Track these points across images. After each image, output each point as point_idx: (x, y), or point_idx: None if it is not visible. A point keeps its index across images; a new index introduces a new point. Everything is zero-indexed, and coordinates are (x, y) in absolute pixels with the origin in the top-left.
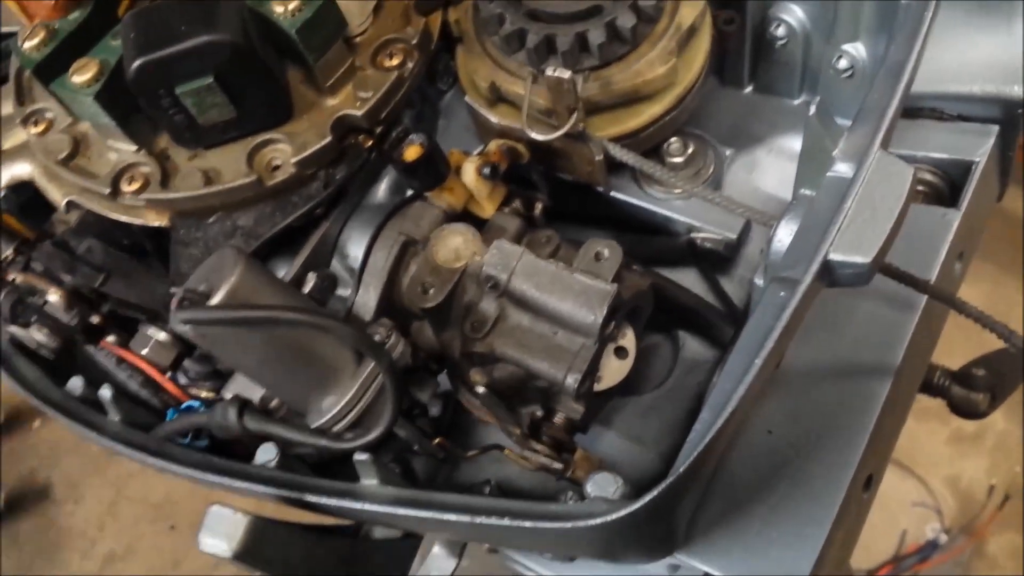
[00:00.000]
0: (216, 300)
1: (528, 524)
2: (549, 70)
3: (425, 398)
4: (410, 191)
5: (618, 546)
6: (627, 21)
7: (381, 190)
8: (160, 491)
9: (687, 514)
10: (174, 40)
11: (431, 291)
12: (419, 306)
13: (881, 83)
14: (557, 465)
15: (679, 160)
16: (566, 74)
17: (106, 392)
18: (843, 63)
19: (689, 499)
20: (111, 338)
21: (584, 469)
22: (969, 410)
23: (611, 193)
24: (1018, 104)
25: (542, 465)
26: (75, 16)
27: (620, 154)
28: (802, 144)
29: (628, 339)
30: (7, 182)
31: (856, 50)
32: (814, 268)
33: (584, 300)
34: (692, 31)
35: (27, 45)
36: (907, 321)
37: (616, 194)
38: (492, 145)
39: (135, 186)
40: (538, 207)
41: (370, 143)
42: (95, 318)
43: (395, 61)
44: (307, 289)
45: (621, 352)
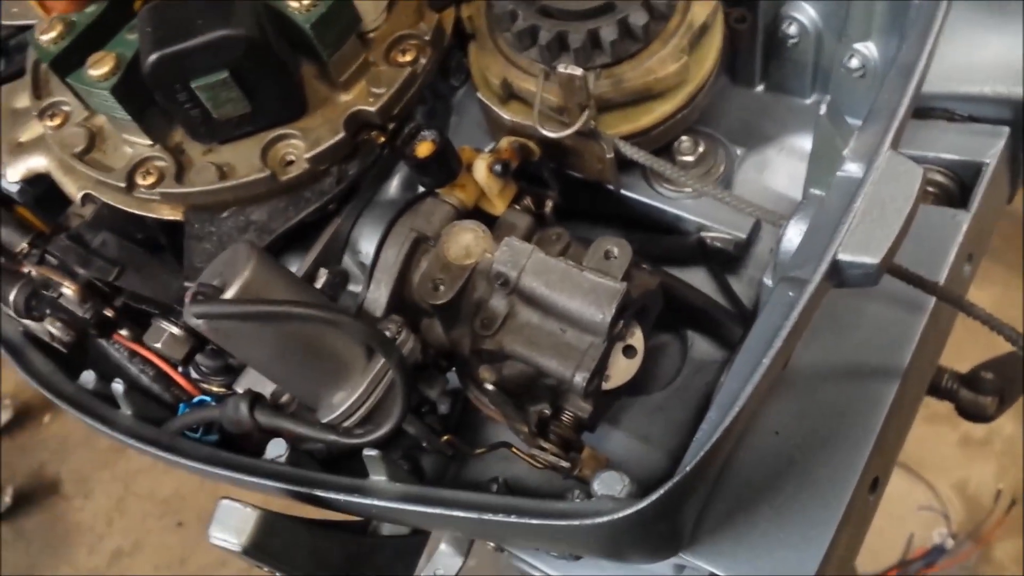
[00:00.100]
0: (229, 294)
1: (535, 521)
2: (561, 67)
3: (434, 395)
4: (421, 188)
5: (624, 545)
6: (639, 19)
7: (393, 186)
8: (168, 487)
9: (693, 514)
10: (190, 34)
11: (441, 288)
12: (429, 303)
13: (892, 83)
14: (564, 463)
15: (690, 159)
16: (578, 71)
17: (118, 386)
18: (855, 62)
19: (695, 499)
20: (124, 332)
21: (591, 468)
22: (977, 413)
23: (621, 191)
24: None
25: (549, 463)
26: (92, 10)
27: (631, 152)
28: (812, 144)
29: (637, 338)
30: (23, 175)
31: (868, 49)
32: (823, 268)
33: (593, 298)
34: (704, 29)
35: (44, 38)
36: (915, 323)
37: (626, 192)
38: (504, 142)
39: (150, 180)
40: (549, 205)
41: (383, 139)
42: (108, 311)
43: (408, 57)
44: (319, 285)
45: (630, 351)
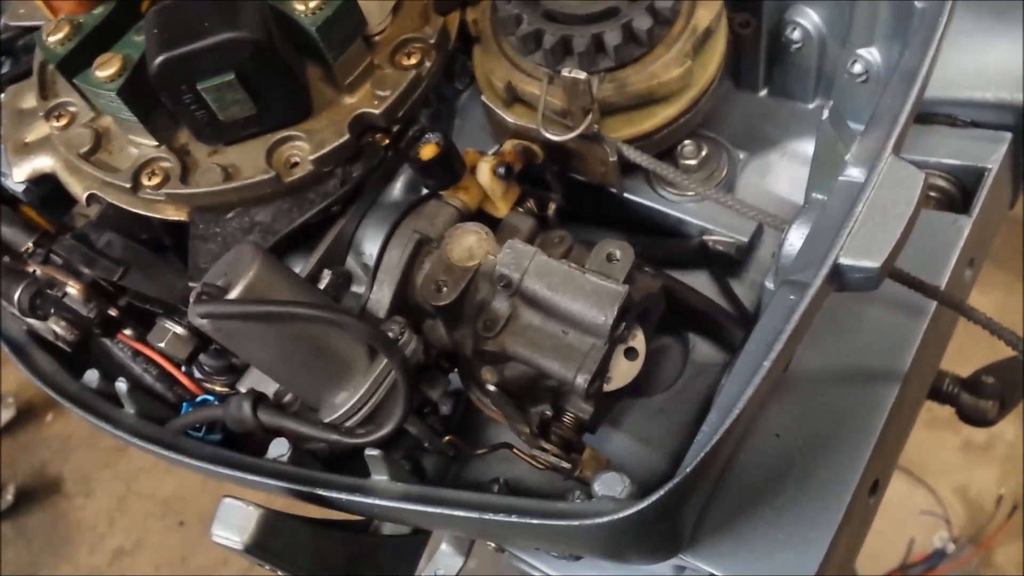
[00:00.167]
0: (234, 294)
1: (535, 522)
2: (565, 71)
3: (436, 396)
4: (425, 190)
5: (624, 546)
6: (643, 23)
7: (397, 188)
8: (170, 487)
9: (694, 515)
10: (196, 37)
11: (444, 289)
12: (432, 304)
13: (894, 88)
14: (565, 464)
15: (693, 162)
16: (582, 75)
17: (122, 385)
18: (858, 68)
19: (696, 500)
20: (128, 331)
21: (592, 469)
22: (978, 417)
23: (624, 194)
24: None
25: (550, 464)
26: (99, 11)
27: (634, 156)
28: (814, 148)
29: (638, 340)
30: (29, 175)
31: (871, 55)
32: (824, 272)
33: (595, 300)
34: (708, 34)
35: (51, 39)
36: (916, 327)
37: (629, 196)
38: (507, 145)
39: (155, 181)
40: (552, 207)
41: (387, 141)
42: (113, 311)
43: (413, 60)
44: (322, 286)
45: (631, 353)
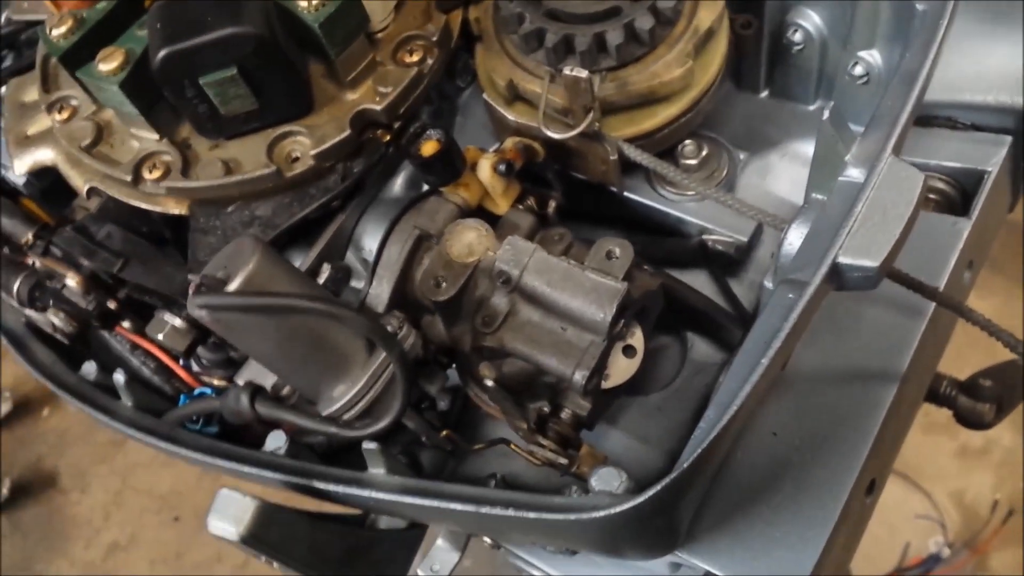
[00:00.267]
0: (233, 286)
1: (532, 515)
2: (567, 69)
3: (434, 391)
4: (426, 186)
5: (620, 541)
6: (645, 23)
7: (397, 184)
8: (166, 482)
9: (690, 512)
10: (199, 31)
11: (443, 285)
12: (431, 299)
13: (894, 90)
14: (562, 460)
15: (693, 162)
16: (583, 74)
17: (119, 376)
18: (859, 69)
19: (692, 496)
20: (126, 324)
21: (589, 465)
22: (975, 420)
23: (624, 193)
24: None
25: (548, 460)
26: (102, 6)
27: (634, 155)
28: (815, 149)
29: (637, 338)
30: (30, 168)
31: (872, 57)
32: (823, 270)
33: (594, 297)
34: (710, 34)
35: (55, 33)
36: (914, 327)
37: (629, 194)
38: (508, 143)
39: (156, 174)
40: (552, 205)
41: (388, 138)
42: (111, 303)
43: (415, 57)
44: (322, 280)
45: (629, 351)
